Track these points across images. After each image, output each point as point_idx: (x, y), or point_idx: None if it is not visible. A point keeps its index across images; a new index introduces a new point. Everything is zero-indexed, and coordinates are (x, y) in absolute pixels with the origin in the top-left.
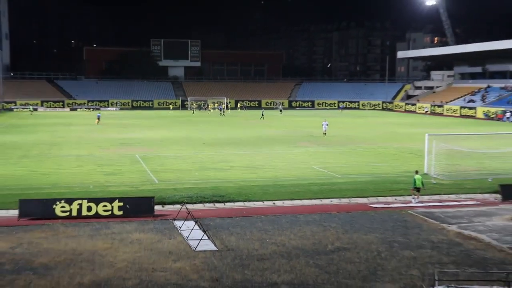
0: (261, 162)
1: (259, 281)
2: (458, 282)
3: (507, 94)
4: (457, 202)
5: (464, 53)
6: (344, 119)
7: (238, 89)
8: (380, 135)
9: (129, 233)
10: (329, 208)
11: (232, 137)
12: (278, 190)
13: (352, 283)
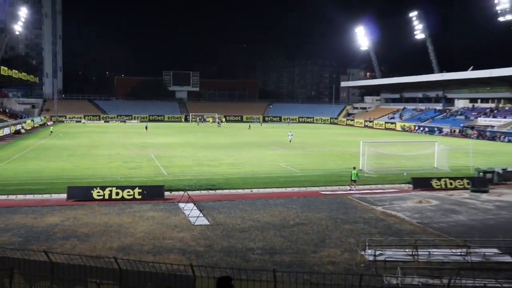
0: (242, 161)
1: (240, 247)
2: (382, 247)
3: (417, 114)
4: (382, 190)
5: (387, 84)
6: (302, 130)
7: (226, 107)
8: (328, 141)
9: (146, 211)
10: (291, 194)
11: (222, 143)
12: (255, 181)
13: (307, 248)
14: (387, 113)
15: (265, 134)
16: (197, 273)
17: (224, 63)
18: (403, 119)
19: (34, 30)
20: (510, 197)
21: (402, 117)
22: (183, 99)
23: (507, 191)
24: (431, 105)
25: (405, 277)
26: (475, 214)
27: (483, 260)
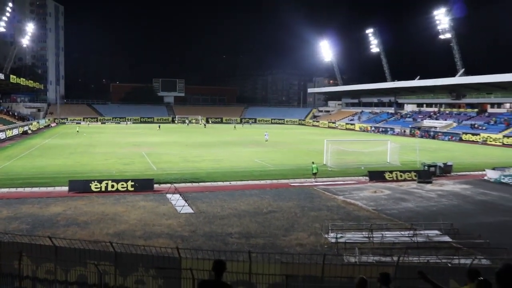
0: (222, 157)
1: (220, 231)
2: (343, 231)
3: (372, 116)
4: (343, 182)
5: (347, 90)
6: (274, 130)
7: (208, 110)
8: (297, 140)
9: (138, 201)
10: (265, 186)
11: (205, 141)
12: (233, 175)
13: (278, 233)
14: (347, 116)
15: (243, 134)
16: (183, 255)
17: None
18: (361, 121)
19: (40, 43)
20: (449, 187)
21: (360, 119)
22: (170, 103)
23: (447, 182)
24: (384, 109)
25: (362, 256)
26: (421, 201)
27: (426, 240)
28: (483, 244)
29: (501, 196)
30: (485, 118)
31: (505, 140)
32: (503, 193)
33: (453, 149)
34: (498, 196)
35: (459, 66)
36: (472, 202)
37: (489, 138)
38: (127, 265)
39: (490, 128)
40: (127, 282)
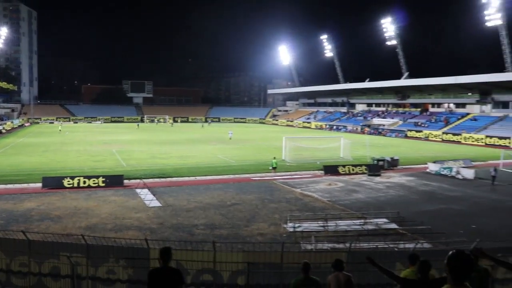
0: (188, 154)
1: (187, 223)
2: (300, 220)
3: (327, 115)
4: (300, 175)
5: (304, 91)
6: (237, 128)
7: (175, 110)
8: (258, 137)
9: (109, 196)
10: (228, 180)
11: (171, 139)
12: (198, 170)
13: (241, 223)
14: (304, 115)
15: (208, 132)
16: (151, 245)
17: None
18: (317, 120)
19: (13, 47)
20: (396, 179)
21: (316, 118)
22: (139, 103)
23: (394, 175)
24: (338, 108)
25: (318, 243)
26: (371, 193)
27: (376, 228)
28: (425, 230)
29: (441, 186)
30: (427, 116)
31: (444, 136)
32: (442, 184)
33: (399, 144)
34: (438, 186)
35: (404, 69)
36: (416, 192)
37: (431, 134)
38: (99, 256)
39: (431, 125)
40: (98, 272)
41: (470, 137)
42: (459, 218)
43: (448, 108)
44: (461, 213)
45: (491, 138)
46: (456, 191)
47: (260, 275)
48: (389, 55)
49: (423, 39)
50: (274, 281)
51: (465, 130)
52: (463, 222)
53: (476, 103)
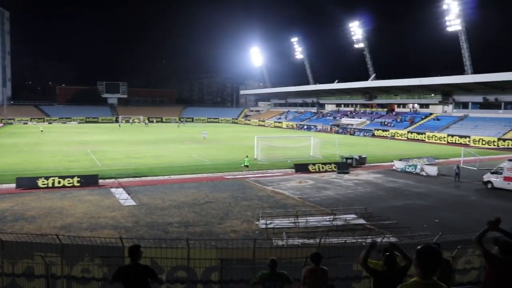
0: (162, 153)
1: (161, 222)
2: (272, 217)
3: (298, 115)
4: (272, 174)
5: (275, 92)
6: (210, 128)
7: (149, 111)
8: (231, 137)
9: (84, 196)
10: (202, 179)
11: (146, 139)
12: (172, 169)
13: (214, 221)
14: (275, 115)
15: (182, 132)
16: (126, 244)
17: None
18: (288, 119)
19: None
20: (364, 176)
21: (287, 118)
22: (114, 104)
23: (362, 172)
24: (308, 109)
25: (289, 239)
26: (340, 189)
27: (345, 223)
28: (391, 225)
29: (406, 183)
30: (393, 116)
31: (409, 135)
32: (408, 180)
33: (367, 143)
34: (403, 183)
35: (371, 71)
36: (383, 189)
37: (396, 133)
38: (73, 255)
39: (397, 125)
40: (73, 271)
41: (433, 136)
42: (423, 213)
43: (412, 108)
44: (425, 208)
45: (452, 136)
46: (420, 187)
47: (233, 271)
48: (357, 57)
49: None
50: (247, 277)
51: (428, 129)
52: (427, 217)
53: (439, 103)
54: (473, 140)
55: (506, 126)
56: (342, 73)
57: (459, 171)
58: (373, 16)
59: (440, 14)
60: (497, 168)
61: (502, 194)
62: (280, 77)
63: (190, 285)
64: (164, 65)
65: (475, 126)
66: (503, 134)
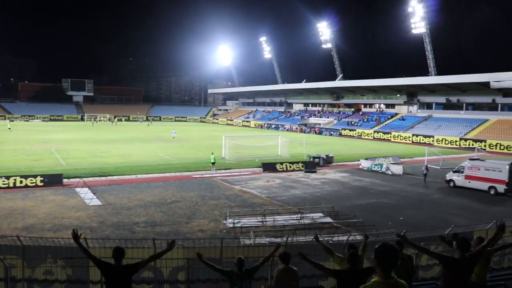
0: (129, 152)
1: (127, 221)
2: (239, 216)
3: (266, 114)
4: (239, 173)
5: (243, 91)
6: (178, 127)
7: (116, 109)
8: (199, 136)
9: (47, 196)
10: (169, 178)
11: (113, 138)
12: (139, 168)
13: (181, 220)
14: (243, 114)
15: (150, 131)
16: (91, 244)
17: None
18: (256, 119)
19: None
20: (331, 175)
21: (255, 117)
22: (79, 102)
23: (329, 171)
24: (276, 108)
25: (256, 238)
26: (307, 188)
27: (312, 222)
28: (357, 223)
29: (372, 181)
30: (360, 116)
31: (375, 135)
32: (374, 179)
33: (334, 142)
34: (369, 181)
35: (339, 71)
36: (349, 188)
37: (363, 133)
38: (35, 257)
39: (364, 124)
40: (35, 274)
41: (398, 136)
42: (389, 211)
43: (379, 108)
44: (390, 207)
45: (417, 136)
46: (386, 186)
47: (200, 271)
48: (324, 57)
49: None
50: (214, 276)
51: (394, 129)
52: (392, 215)
53: (404, 104)
54: (437, 139)
55: (467, 126)
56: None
57: (427, 172)
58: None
59: (406, 16)
60: (458, 167)
61: (463, 192)
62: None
63: (157, 285)
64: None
65: (438, 126)
66: (464, 134)
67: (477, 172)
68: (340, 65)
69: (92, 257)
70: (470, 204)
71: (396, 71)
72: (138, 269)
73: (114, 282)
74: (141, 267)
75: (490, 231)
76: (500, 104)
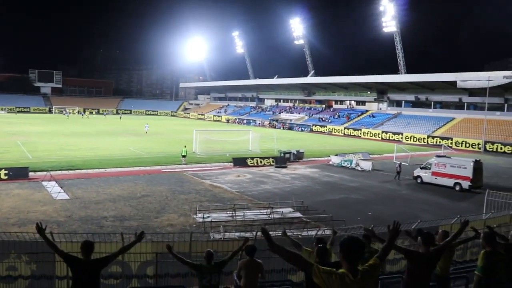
0: (98, 146)
1: (96, 215)
2: (209, 211)
3: (237, 109)
4: (210, 167)
5: (215, 86)
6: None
7: (85, 101)
8: (170, 130)
9: (12, 190)
10: (139, 172)
11: (82, 131)
12: (108, 162)
13: (151, 215)
14: (215, 109)
15: (120, 124)
16: (57, 239)
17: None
18: (227, 113)
19: None
20: (301, 170)
21: (227, 112)
22: (47, 94)
23: (299, 167)
24: (248, 103)
25: (226, 232)
26: (277, 183)
27: (281, 217)
28: (327, 218)
29: (342, 177)
30: (331, 112)
31: (346, 131)
32: (343, 175)
33: (305, 138)
34: (339, 177)
35: (310, 68)
36: (319, 183)
37: (334, 129)
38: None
39: (334, 121)
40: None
41: (368, 132)
42: (358, 206)
43: (349, 105)
44: (359, 202)
45: (386, 133)
46: (355, 182)
47: (169, 265)
48: (297, 53)
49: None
50: (183, 270)
51: (364, 125)
52: (361, 210)
53: (374, 101)
54: (406, 136)
55: (435, 124)
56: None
57: (400, 169)
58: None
59: (377, 15)
60: (426, 164)
61: (430, 188)
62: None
63: (125, 280)
64: (102, 55)
65: (407, 124)
66: (432, 131)
67: (443, 169)
68: (312, 62)
69: (59, 251)
70: (436, 200)
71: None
72: (109, 262)
73: (82, 277)
74: (112, 260)
75: (455, 226)
76: (466, 103)
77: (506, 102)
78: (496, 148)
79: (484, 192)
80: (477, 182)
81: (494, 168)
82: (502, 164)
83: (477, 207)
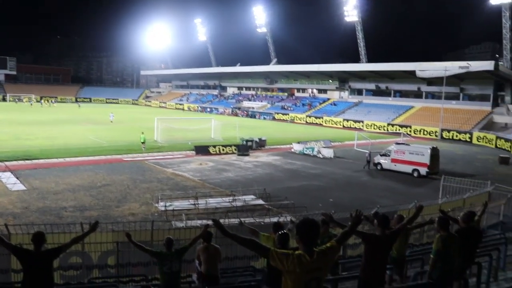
0: (56, 135)
1: (54, 206)
2: (171, 199)
3: (199, 97)
4: (172, 156)
5: (177, 74)
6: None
7: (42, 89)
8: (131, 119)
9: None
10: (99, 161)
11: (39, 119)
12: (67, 151)
13: (112, 204)
14: (177, 97)
15: (80, 113)
16: (13, 231)
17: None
18: (189, 102)
19: None
20: (263, 158)
21: (189, 100)
22: (1, 81)
23: (261, 154)
24: (210, 91)
25: (188, 220)
26: (240, 171)
27: (244, 204)
28: (289, 205)
29: (304, 164)
30: (293, 100)
31: (308, 119)
32: (305, 162)
33: (267, 126)
34: (301, 165)
35: (273, 56)
36: (281, 170)
37: (296, 117)
38: None
39: (297, 109)
40: None
41: (330, 120)
42: (319, 193)
43: (311, 93)
44: (320, 189)
45: (347, 121)
46: (317, 169)
47: (131, 254)
48: (259, 41)
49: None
50: (145, 259)
51: (326, 113)
52: (322, 196)
53: (336, 89)
54: (366, 124)
55: (394, 112)
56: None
57: (370, 158)
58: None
59: (339, 4)
60: (385, 151)
61: (390, 174)
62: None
63: (85, 271)
64: (59, 42)
65: (368, 112)
66: (392, 119)
67: (402, 155)
68: (275, 50)
69: (7, 244)
70: (395, 186)
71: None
72: (60, 253)
73: (33, 269)
74: (64, 251)
75: (411, 210)
76: (424, 92)
77: (462, 91)
78: (452, 135)
79: (441, 178)
80: (434, 169)
81: (450, 154)
82: (458, 151)
83: (434, 192)
